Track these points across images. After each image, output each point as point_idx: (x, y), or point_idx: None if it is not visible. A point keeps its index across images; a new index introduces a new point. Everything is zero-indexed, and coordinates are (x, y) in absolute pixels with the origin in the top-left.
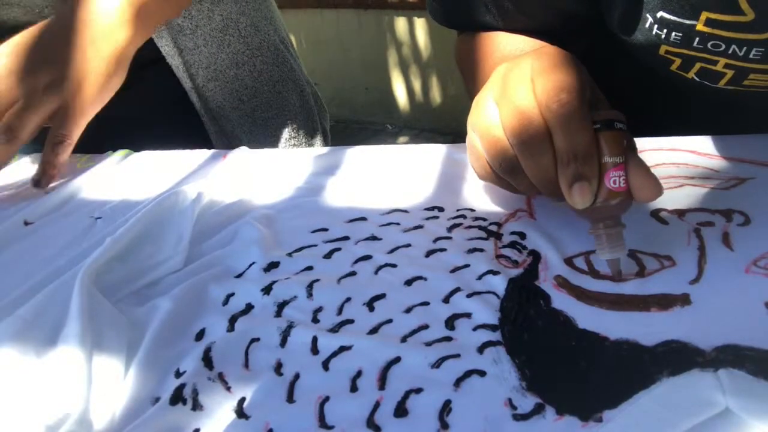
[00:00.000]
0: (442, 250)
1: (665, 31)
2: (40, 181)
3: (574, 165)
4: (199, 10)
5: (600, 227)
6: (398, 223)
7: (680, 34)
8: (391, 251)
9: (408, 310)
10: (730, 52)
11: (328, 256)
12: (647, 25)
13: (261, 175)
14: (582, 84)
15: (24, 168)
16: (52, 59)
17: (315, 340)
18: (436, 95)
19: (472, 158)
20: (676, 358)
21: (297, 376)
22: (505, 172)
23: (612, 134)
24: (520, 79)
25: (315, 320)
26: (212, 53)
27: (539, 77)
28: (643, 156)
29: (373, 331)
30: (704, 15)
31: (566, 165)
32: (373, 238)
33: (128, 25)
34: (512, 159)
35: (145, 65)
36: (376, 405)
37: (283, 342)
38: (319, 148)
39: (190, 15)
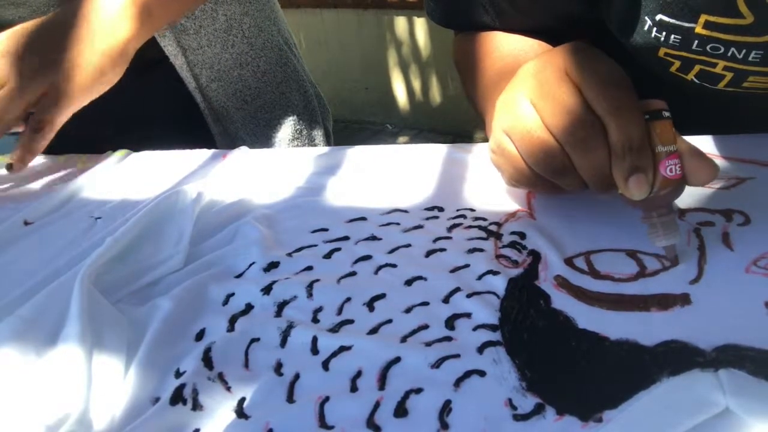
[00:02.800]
0: (442, 250)
1: (664, 33)
2: (12, 166)
3: (629, 157)
4: (203, 10)
5: (653, 216)
6: (398, 223)
7: (679, 37)
8: (391, 251)
9: (408, 310)
10: (729, 54)
11: (328, 256)
12: (645, 27)
13: (261, 175)
14: (623, 75)
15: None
16: (46, 46)
17: (315, 340)
18: (436, 95)
19: (505, 164)
20: (676, 358)
21: (297, 376)
22: (554, 173)
23: (662, 123)
24: (556, 76)
25: (315, 320)
26: (216, 53)
27: (578, 72)
28: None
29: (373, 331)
30: (703, 18)
31: (622, 158)
32: (373, 238)
33: (129, 21)
34: (562, 159)
35: (149, 65)
36: (376, 405)
37: (283, 342)
38: (319, 148)
39: (194, 15)
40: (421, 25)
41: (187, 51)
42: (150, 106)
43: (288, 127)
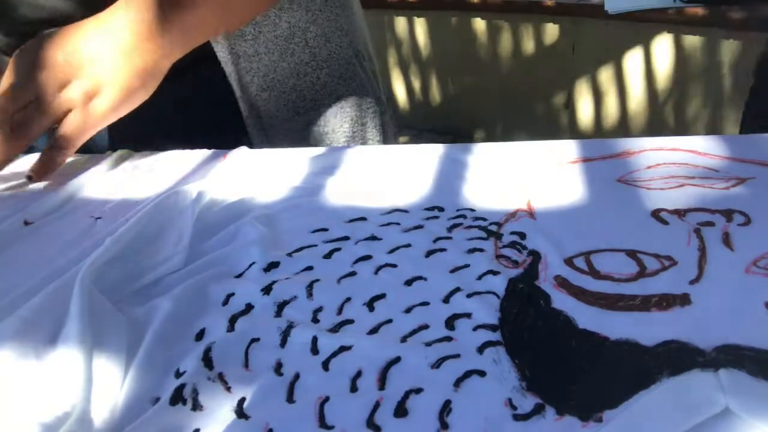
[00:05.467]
0: (442, 250)
1: None
2: (32, 178)
3: None
4: (265, 15)
5: None
6: (398, 223)
7: None
8: (391, 251)
9: (408, 310)
10: None
11: (328, 256)
12: None
13: (261, 175)
14: None
15: (24, 165)
16: (75, 63)
17: (315, 340)
18: (436, 95)
19: None
20: (676, 358)
21: (297, 376)
22: None
23: None
24: None
25: (315, 320)
26: (273, 61)
27: None
28: (643, 156)
29: (373, 331)
30: None
31: None
32: (373, 238)
33: (162, 39)
34: None
35: (184, 68)
36: (376, 405)
37: (283, 342)
38: (318, 149)
39: (255, 20)
40: (421, 25)
41: (241, 58)
42: (190, 105)
43: (339, 142)
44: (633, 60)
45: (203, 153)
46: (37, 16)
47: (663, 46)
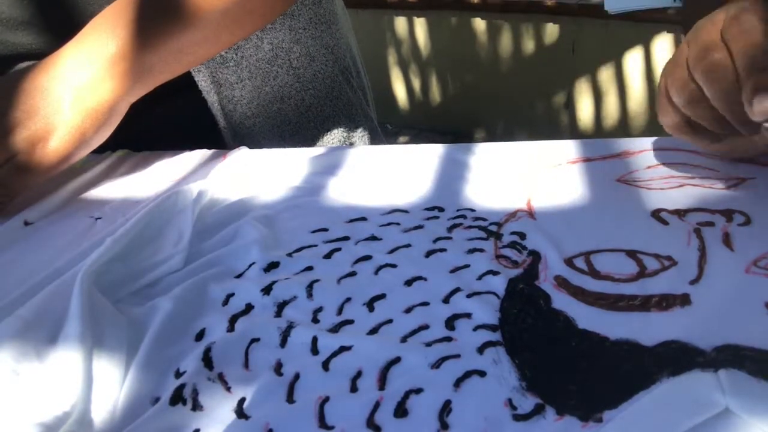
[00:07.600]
0: (442, 250)
1: None
2: None
3: (752, 78)
4: (246, 39)
5: None
6: (398, 223)
7: None
8: (391, 251)
9: (408, 311)
10: None
11: (328, 256)
12: None
13: (261, 175)
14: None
15: None
16: (24, 107)
17: (315, 340)
18: (436, 95)
19: (661, 109)
20: (676, 358)
21: (297, 377)
22: (687, 103)
23: None
24: (709, 18)
25: (315, 320)
26: (256, 86)
27: (724, 14)
28: (643, 156)
29: (373, 331)
30: None
31: (746, 80)
32: (373, 238)
33: (117, 79)
34: (693, 90)
35: (170, 93)
36: (376, 405)
37: (283, 342)
38: (318, 149)
39: (237, 45)
40: (421, 25)
41: (223, 86)
42: (168, 135)
43: None
44: (633, 60)
45: (203, 153)
46: (29, 42)
47: (663, 46)
